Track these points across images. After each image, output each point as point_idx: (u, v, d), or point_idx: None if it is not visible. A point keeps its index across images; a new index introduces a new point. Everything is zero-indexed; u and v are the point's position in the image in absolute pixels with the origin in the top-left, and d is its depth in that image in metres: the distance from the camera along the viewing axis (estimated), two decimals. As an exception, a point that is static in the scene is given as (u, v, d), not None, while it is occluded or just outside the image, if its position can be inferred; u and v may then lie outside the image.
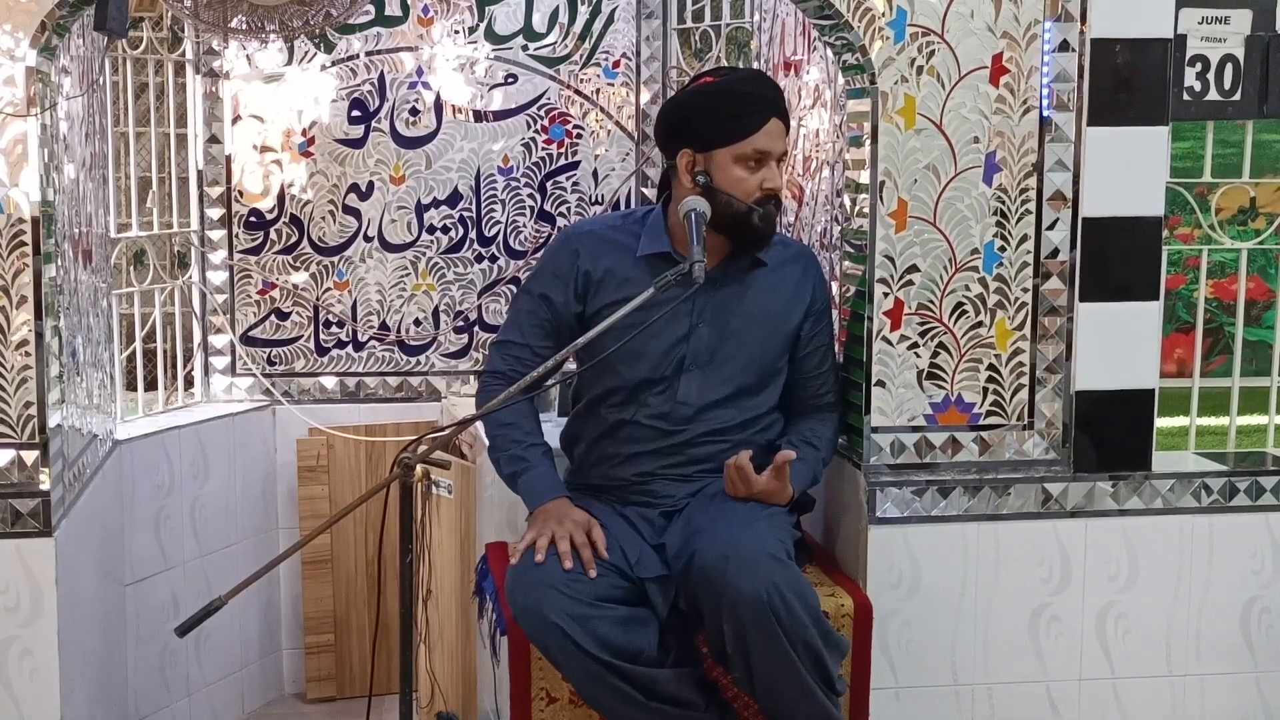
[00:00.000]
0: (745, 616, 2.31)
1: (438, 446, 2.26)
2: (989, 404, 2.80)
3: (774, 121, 2.54)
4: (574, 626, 2.34)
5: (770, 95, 2.58)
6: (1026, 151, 2.74)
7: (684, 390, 2.61)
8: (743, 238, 2.57)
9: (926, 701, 2.82)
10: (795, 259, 2.70)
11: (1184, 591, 2.90)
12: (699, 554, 2.38)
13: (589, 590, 2.39)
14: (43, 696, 2.58)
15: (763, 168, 2.54)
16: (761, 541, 2.38)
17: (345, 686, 3.95)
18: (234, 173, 3.85)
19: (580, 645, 2.34)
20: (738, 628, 2.33)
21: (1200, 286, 3.20)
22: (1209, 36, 2.86)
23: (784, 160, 2.59)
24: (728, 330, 2.61)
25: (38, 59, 2.51)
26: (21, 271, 2.52)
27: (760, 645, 2.33)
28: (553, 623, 2.34)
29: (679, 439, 2.62)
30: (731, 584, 2.31)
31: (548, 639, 2.37)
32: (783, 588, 2.31)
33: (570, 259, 2.64)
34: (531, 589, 2.38)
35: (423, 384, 3.98)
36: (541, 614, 2.35)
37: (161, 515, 3.52)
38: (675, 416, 2.61)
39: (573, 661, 2.37)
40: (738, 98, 2.55)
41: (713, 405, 2.62)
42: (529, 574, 2.41)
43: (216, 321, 3.88)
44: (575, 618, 2.35)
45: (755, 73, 2.76)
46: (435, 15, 3.87)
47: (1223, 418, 3.30)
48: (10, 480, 2.55)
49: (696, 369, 2.61)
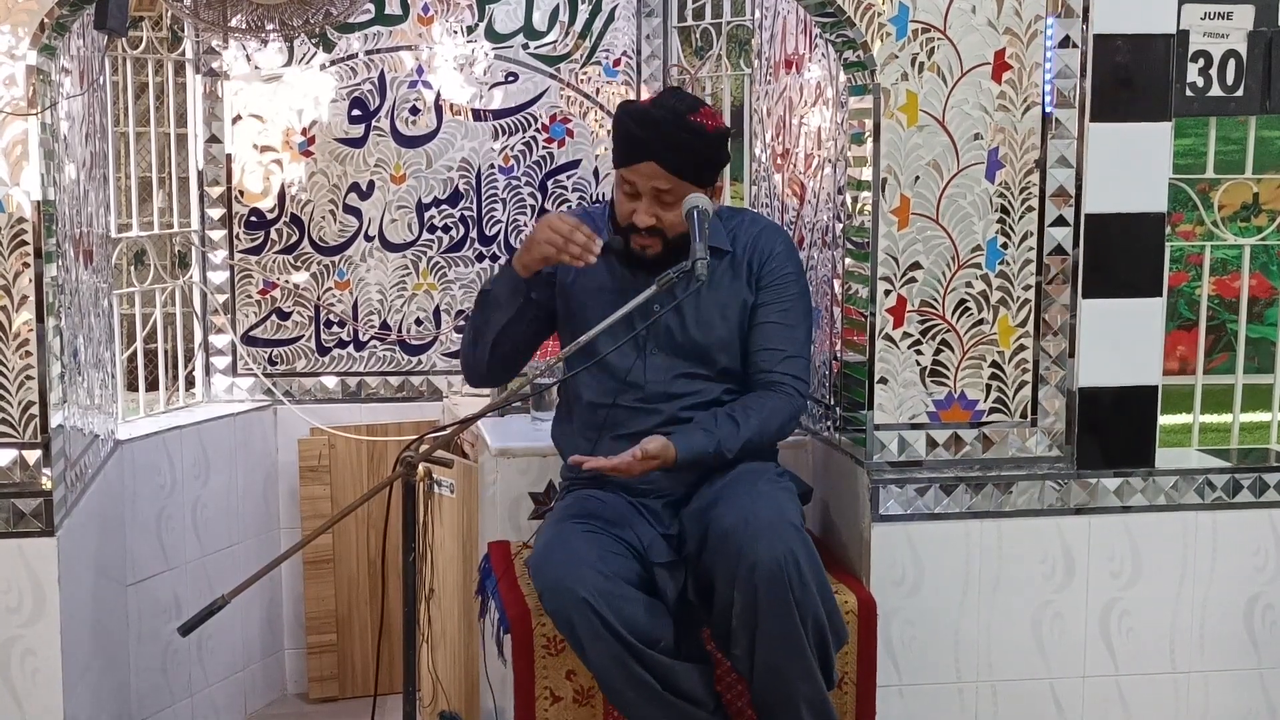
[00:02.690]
0: (760, 581, 2.31)
1: (439, 445, 2.26)
2: (992, 401, 2.79)
3: (648, 164, 2.54)
4: (603, 604, 2.34)
5: (648, 137, 2.54)
6: (1029, 148, 2.74)
7: (651, 372, 2.62)
8: (629, 260, 2.60)
9: (931, 698, 2.82)
10: (754, 238, 2.69)
11: (1188, 588, 2.89)
12: (718, 519, 2.39)
13: (617, 571, 2.40)
14: (45, 696, 2.58)
15: (636, 199, 2.56)
16: (782, 510, 2.40)
17: (348, 686, 3.95)
18: (234, 172, 3.84)
19: (608, 623, 2.33)
20: (749, 595, 2.32)
21: (1203, 283, 3.20)
22: (1211, 32, 2.85)
23: (668, 200, 2.55)
24: (686, 314, 2.62)
25: (38, 58, 2.51)
26: (22, 272, 2.52)
27: (770, 614, 2.32)
28: (582, 598, 2.33)
29: (659, 419, 2.60)
30: (750, 547, 2.32)
31: (575, 616, 2.35)
32: (800, 558, 2.33)
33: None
34: (562, 565, 2.38)
35: (424, 383, 3.97)
36: (572, 589, 2.34)
37: (163, 515, 3.52)
38: (650, 395, 2.62)
39: (597, 643, 2.35)
40: (625, 128, 2.58)
41: (681, 378, 2.62)
42: (558, 551, 2.41)
43: (217, 321, 3.88)
44: (604, 595, 2.35)
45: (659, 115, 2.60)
46: (435, 14, 3.86)
47: (1225, 415, 3.30)
48: (12, 480, 2.55)
49: (657, 351, 2.63)
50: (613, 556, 2.43)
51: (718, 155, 2.61)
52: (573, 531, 2.47)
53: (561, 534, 2.48)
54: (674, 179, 2.54)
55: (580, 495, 2.62)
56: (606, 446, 2.57)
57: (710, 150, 2.58)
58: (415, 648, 2.29)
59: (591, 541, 2.44)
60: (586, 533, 2.47)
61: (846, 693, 2.62)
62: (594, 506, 2.56)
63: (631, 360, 2.62)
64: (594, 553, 2.41)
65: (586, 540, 2.44)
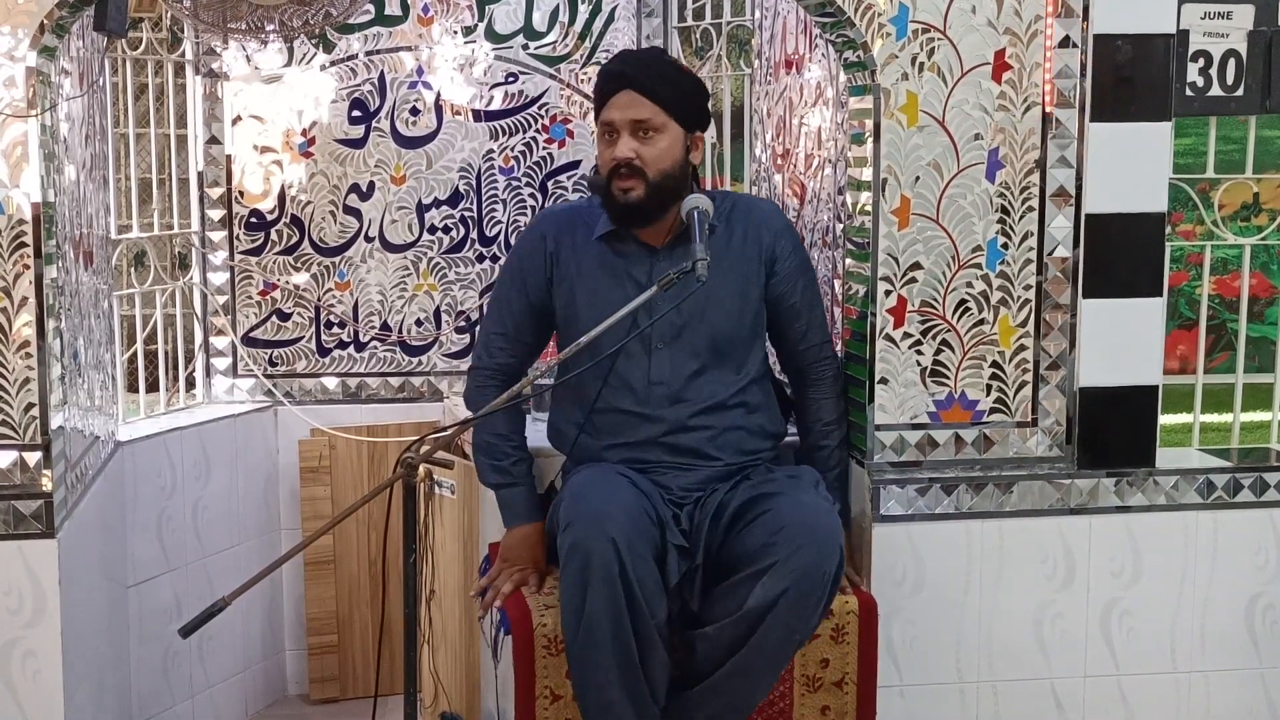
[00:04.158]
0: (797, 584, 2.33)
1: (440, 446, 2.25)
2: (992, 401, 2.79)
3: (624, 93, 2.53)
4: (626, 552, 2.33)
5: (620, 69, 2.56)
6: (1029, 148, 2.74)
7: (656, 369, 2.61)
8: (612, 213, 2.58)
9: (931, 699, 2.82)
10: (752, 224, 2.67)
11: (1188, 588, 2.89)
12: (782, 508, 2.42)
13: (643, 533, 2.41)
14: (46, 698, 2.57)
15: (616, 141, 2.54)
16: (840, 531, 2.44)
17: (349, 687, 3.95)
18: (234, 173, 3.84)
19: (624, 572, 2.33)
20: (774, 593, 2.34)
21: (1203, 283, 3.20)
22: (1211, 32, 2.85)
23: (646, 131, 2.53)
24: (688, 304, 2.56)
25: (38, 60, 2.51)
26: (23, 273, 2.52)
27: (784, 617, 2.34)
28: (611, 538, 2.33)
29: (663, 426, 2.60)
30: (805, 549, 2.35)
31: (596, 553, 2.32)
32: (836, 582, 2.39)
33: (539, 242, 2.69)
34: (601, 500, 2.39)
35: (424, 384, 3.97)
36: (603, 527, 2.34)
37: (164, 516, 3.52)
38: (654, 399, 2.60)
39: (605, 587, 2.33)
40: (602, 73, 2.60)
41: (691, 378, 2.61)
42: (600, 487, 2.43)
43: (218, 323, 3.88)
44: (630, 546, 2.35)
45: (628, 51, 2.75)
46: (435, 15, 3.86)
47: (1225, 414, 3.30)
48: (13, 482, 2.54)
49: (665, 347, 2.61)
50: (644, 517, 2.44)
51: (698, 95, 2.60)
52: (617, 478, 2.49)
53: (606, 475, 2.49)
54: (653, 106, 2.52)
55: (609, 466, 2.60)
56: (607, 452, 2.60)
57: (688, 84, 2.58)
58: (416, 648, 2.29)
59: (634, 494, 2.46)
60: (630, 485, 2.48)
61: (847, 693, 2.62)
62: (631, 475, 2.56)
63: (640, 360, 2.61)
64: (634, 504, 2.42)
65: (629, 491, 2.45)
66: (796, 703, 2.59)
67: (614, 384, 2.62)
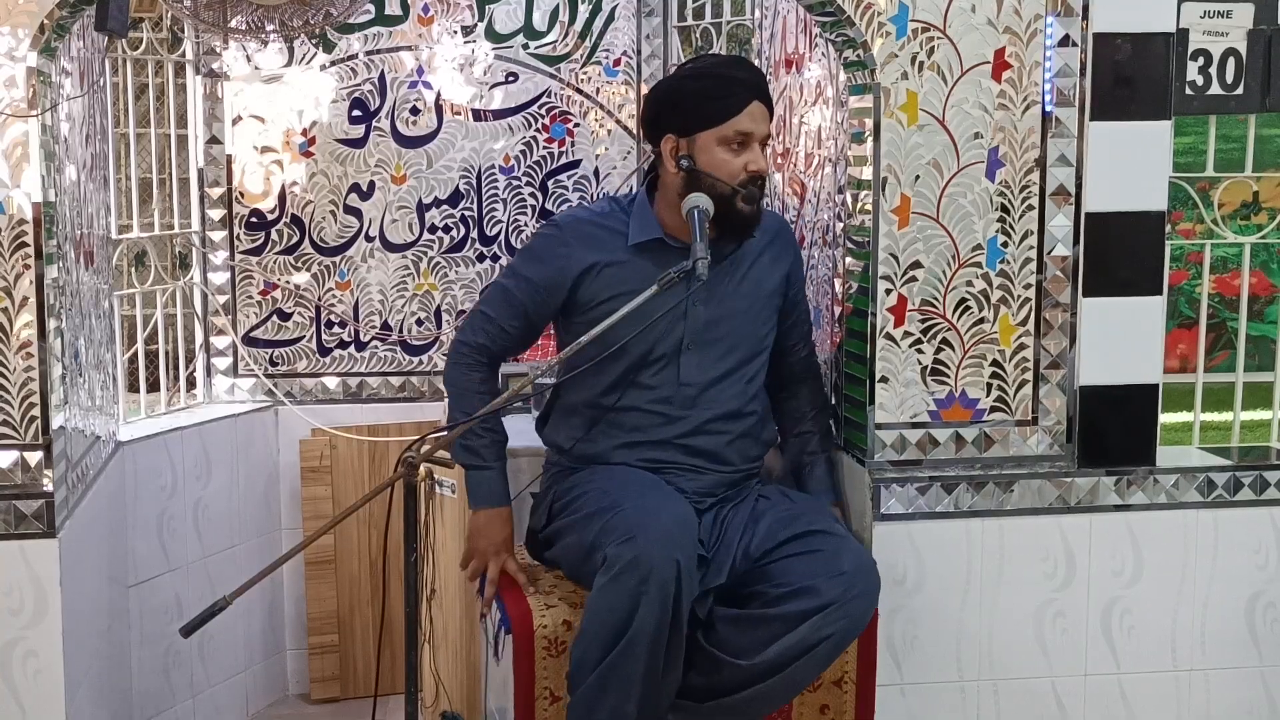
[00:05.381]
0: (845, 630, 2.37)
1: (441, 446, 2.26)
2: (992, 400, 2.79)
3: (756, 104, 2.55)
4: (686, 580, 2.34)
5: (752, 79, 2.59)
6: (1029, 147, 2.74)
7: (685, 370, 2.62)
8: (729, 220, 2.56)
9: (932, 698, 2.82)
10: (774, 232, 2.73)
11: (1189, 587, 2.89)
12: (838, 551, 2.44)
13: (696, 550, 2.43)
14: (47, 698, 2.58)
15: (746, 150, 2.54)
16: (875, 571, 2.49)
17: (349, 687, 3.95)
18: (235, 173, 3.84)
19: (678, 599, 2.33)
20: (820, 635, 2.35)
21: (1203, 281, 3.20)
22: (1211, 30, 2.85)
23: (767, 143, 2.60)
24: (722, 309, 2.63)
25: (38, 60, 2.51)
26: (23, 273, 2.52)
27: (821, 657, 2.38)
28: (676, 561, 2.32)
29: (683, 426, 2.61)
30: (860, 599, 2.39)
31: (660, 572, 2.30)
32: (863, 626, 2.42)
33: (561, 249, 2.64)
34: (672, 524, 2.37)
35: (425, 384, 3.98)
36: (671, 551, 2.32)
37: (164, 516, 3.52)
38: (679, 399, 2.62)
39: (655, 607, 2.31)
40: (720, 81, 2.56)
41: (714, 382, 2.62)
42: (671, 508, 2.42)
43: (218, 322, 3.88)
44: (689, 573, 2.35)
45: (737, 57, 2.79)
46: (435, 14, 3.86)
47: (1225, 413, 3.30)
48: (14, 482, 2.55)
49: (694, 349, 2.62)
50: (695, 535, 2.45)
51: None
52: (672, 491, 2.50)
53: (659, 487, 2.50)
54: (770, 121, 2.59)
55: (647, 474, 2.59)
56: (616, 452, 2.61)
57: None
58: (417, 648, 2.29)
59: (691, 512, 2.46)
60: (685, 501, 2.49)
61: (847, 692, 2.62)
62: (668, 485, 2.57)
63: (670, 360, 2.61)
64: (694, 523, 2.44)
65: (685, 506, 2.46)
66: (796, 701, 2.59)
67: (641, 382, 2.62)
